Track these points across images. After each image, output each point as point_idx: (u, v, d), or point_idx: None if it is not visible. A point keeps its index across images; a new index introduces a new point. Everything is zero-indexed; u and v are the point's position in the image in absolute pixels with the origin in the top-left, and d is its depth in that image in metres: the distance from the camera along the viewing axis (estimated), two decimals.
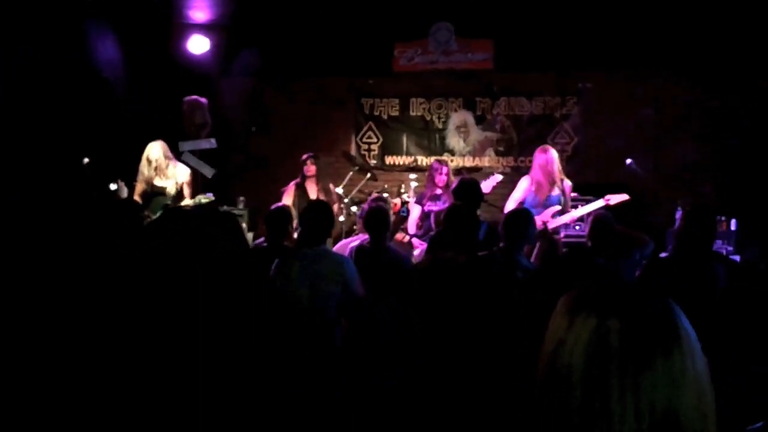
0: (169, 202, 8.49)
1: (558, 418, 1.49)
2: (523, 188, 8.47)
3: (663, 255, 8.21)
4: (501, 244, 5.77)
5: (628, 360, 1.42)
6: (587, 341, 1.46)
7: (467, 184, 6.84)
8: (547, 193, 8.35)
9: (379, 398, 3.68)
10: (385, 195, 9.33)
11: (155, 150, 8.63)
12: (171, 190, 8.57)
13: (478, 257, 5.33)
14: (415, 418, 3.00)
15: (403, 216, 8.54)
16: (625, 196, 8.23)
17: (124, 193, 8.50)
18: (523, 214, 5.89)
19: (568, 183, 8.41)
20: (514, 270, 5.40)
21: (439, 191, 8.92)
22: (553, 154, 8.34)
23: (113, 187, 8.49)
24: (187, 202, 8.51)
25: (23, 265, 2.82)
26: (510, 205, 8.37)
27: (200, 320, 2.45)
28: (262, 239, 6.56)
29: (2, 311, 2.64)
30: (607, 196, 8.24)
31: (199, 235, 2.49)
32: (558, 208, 8.15)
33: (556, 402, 1.50)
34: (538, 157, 8.34)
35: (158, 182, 8.57)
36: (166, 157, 8.65)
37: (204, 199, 8.55)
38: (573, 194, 8.51)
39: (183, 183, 8.67)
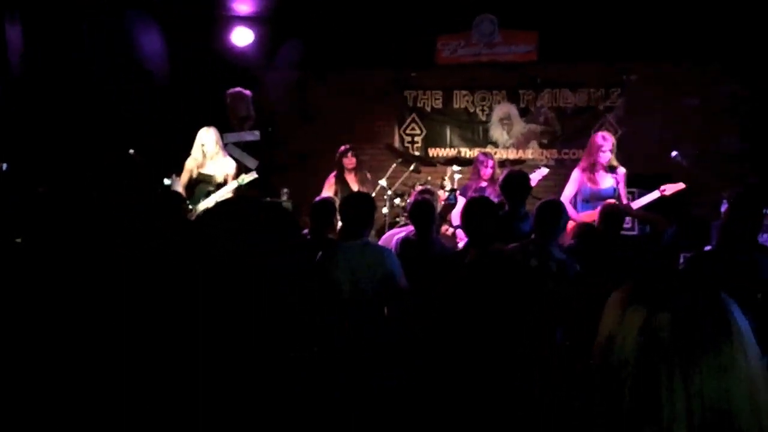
0: (212, 189, 8.54)
1: (610, 412, 1.49)
2: (574, 181, 8.40)
3: (708, 248, 8.15)
4: (533, 236, 5.75)
5: (678, 353, 1.43)
6: (637, 335, 1.47)
7: (515, 177, 6.82)
8: (598, 186, 8.27)
9: (379, 398, 3.67)
10: (429, 187, 9.34)
11: (210, 135, 8.73)
12: (218, 178, 8.63)
13: (514, 250, 5.31)
14: (420, 418, 3.00)
15: (451, 203, 8.51)
16: (681, 185, 8.17)
17: (179, 187, 8.56)
18: (554, 204, 5.86)
19: (621, 171, 8.31)
20: (548, 261, 5.37)
21: (484, 184, 8.91)
22: (608, 141, 8.26)
23: (167, 181, 8.56)
24: (229, 185, 8.55)
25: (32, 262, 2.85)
26: (564, 198, 8.26)
27: (247, 314, 2.46)
28: (306, 231, 6.58)
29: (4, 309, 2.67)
30: (663, 187, 8.19)
31: (252, 230, 2.51)
32: (612, 201, 8.01)
33: (607, 395, 1.50)
34: (591, 145, 8.30)
35: (206, 169, 8.64)
36: (218, 145, 8.71)
37: (247, 178, 8.60)
38: None
39: (228, 174, 8.72)
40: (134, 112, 9.91)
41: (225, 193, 8.48)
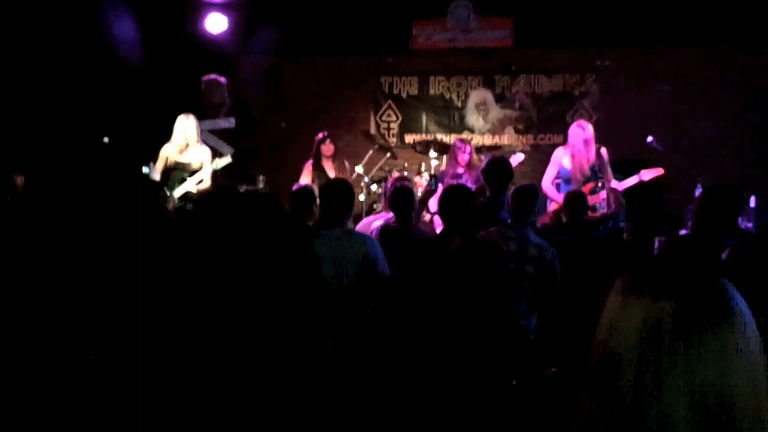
0: (186, 175, 8.49)
1: (611, 398, 1.50)
2: (556, 161, 8.47)
3: (683, 232, 8.23)
4: (509, 221, 5.79)
5: (680, 340, 1.43)
6: (640, 322, 1.48)
7: (498, 163, 6.82)
8: (587, 172, 8.33)
9: (365, 388, 3.67)
10: (405, 173, 9.35)
11: (191, 123, 8.65)
12: (194, 165, 8.58)
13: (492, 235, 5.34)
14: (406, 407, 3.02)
15: (432, 190, 8.53)
16: (659, 171, 8.25)
17: (157, 175, 8.51)
18: (528, 189, 5.90)
19: (603, 151, 8.35)
20: (527, 246, 5.41)
21: (461, 170, 8.92)
22: (588, 129, 8.33)
23: (145, 170, 8.50)
24: (204, 170, 8.51)
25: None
26: (546, 180, 8.40)
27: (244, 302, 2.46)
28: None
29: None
30: (641, 172, 8.26)
31: (248, 217, 2.50)
32: (592, 184, 8.13)
33: (609, 382, 1.51)
34: (579, 133, 8.31)
35: (183, 157, 8.58)
36: (197, 132, 8.68)
37: (221, 162, 8.57)
38: None
39: (204, 162, 8.68)
40: (108, 99, 9.83)
41: (201, 179, 8.45)
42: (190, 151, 8.63)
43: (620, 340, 1.50)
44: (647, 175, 8.24)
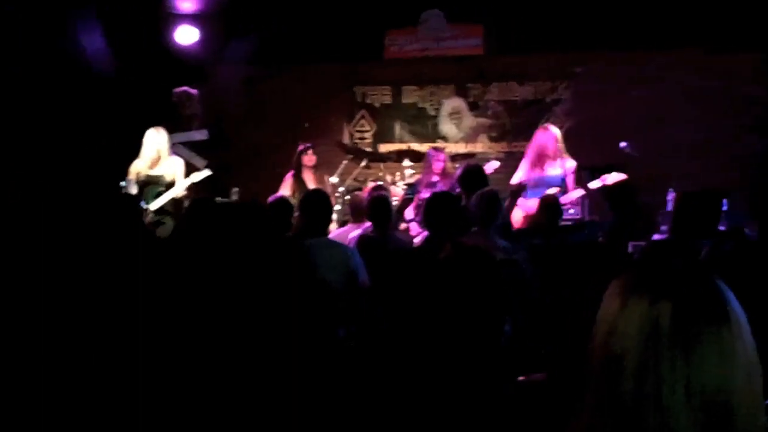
0: (162, 189, 8.46)
1: (611, 402, 1.51)
2: (524, 168, 8.65)
3: (656, 237, 8.29)
4: (474, 228, 5.82)
5: (679, 341, 1.44)
6: (639, 325, 1.48)
7: (472, 171, 6.85)
8: (543, 173, 8.49)
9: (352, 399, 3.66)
10: (380, 182, 9.36)
11: (162, 137, 8.63)
12: (167, 178, 8.54)
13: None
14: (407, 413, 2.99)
15: (410, 198, 8.54)
16: (621, 176, 8.31)
17: (134, 189, 8.45)
18: (492, 194, 5.93)
19: (571, 164, 8.51)
20: (494, 250, 5.44)
21: (436, 178, 8.94)
22: (551, 133, 8.47)
23: (122, 184, 8.44)
24: (182, 182, 8.49)
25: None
26: (513, 180, 8.58)
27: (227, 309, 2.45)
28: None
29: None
30: (603, 176, 8.33)
31: (231, 227, 2.49)
32: (556, 189, 8.27)
33: (608, 386, 1.51)
34: (535, 137, 8.52)
35: (154, 171, 8.54)
36: (168, 145, 8.64)
37: (200, 175, 8.54)
38: None
39: (177, 173, 8.65)
40: (79, 111, 9.75)
41: (178, 192, 8.41)
42: (162, 164, 8.59)
43: (620, 343, 1.51)
44: (611, 179, 8.33)
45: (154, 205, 8.28)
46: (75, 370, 2.38)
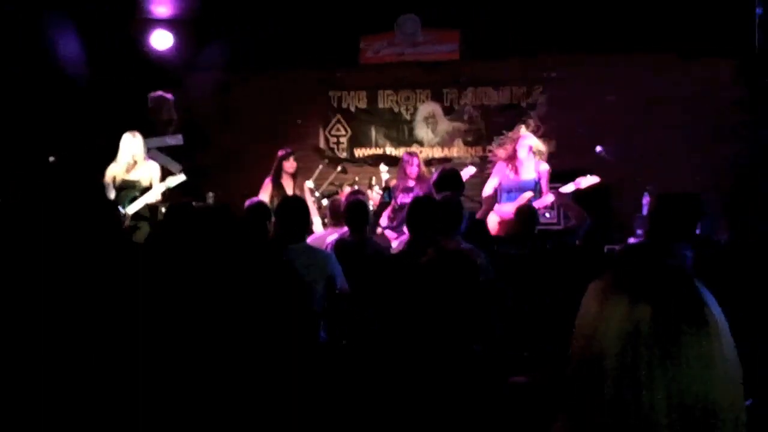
0: (137, 194, 8.42)
1: (591, 405, 1.50)
2: (498, 172, 8.71)
3: (631, 240, 8.34)
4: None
5: (659, 345, 1.44)
6: (619, 328, 1.48)
7: (448, 175, 6.86)
8: (517, 178, 8.56)
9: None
10: (356, 187, 9.36)
11: (138, 141, 8.60)
12: (144, 182, 8.52)
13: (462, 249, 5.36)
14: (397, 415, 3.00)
15: (386, 202, 8.54)
16: (595, 179, 8.36)
17: (111, 194, 8.42)
18: (455, 200, 5.95)
19: (544, 168, 8.58)
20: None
21: (411, 183, 8.95)
22: (526, 137, 8.54)
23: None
24: (157, 187, 8.46)
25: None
26: (488, 188, 8.63)
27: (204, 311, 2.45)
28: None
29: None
30: (577, 179, 8.38)
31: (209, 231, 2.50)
32: (530, 193, 8.35)
33: (588, 389, 1.51)
34: (516, 140, 8.62)
35: (131, 176, 8.51)
36: (144, 150, 8.62)
37: (175, 180, 8.50)
38: None
39: (153, 178, 8.62)
40: (54, 117, 9.71)
41: (153, 197, 8.39)
42: (138, 168, 8.57)
43: (600, 346, 1.50)
44: (584, 182, 8.38)
45: (131, 209, 8.25)
46: (47, 371, 2.37)
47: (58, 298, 2.31)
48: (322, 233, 7.51)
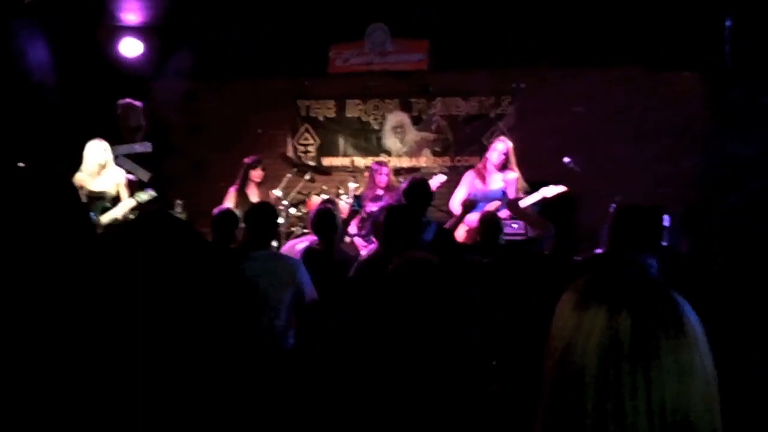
0: (108, 205, 8.36)
1: (569, 419, 1.50)
2: (467, 181, 8.74)
3: (598, 251, 8.39)
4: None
5: (639, 355, 1.44)
6: (599, 339, 1.48)
7: (418, 184, 6.86)
8: (485, 187, 8.60)
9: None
10: (326, 196, 9.37)
11: (101, 149, 8.50)
12: (111, 192, 8.45)
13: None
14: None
15: (355, 210, 8.54)
16: (562, 188, 8.42)
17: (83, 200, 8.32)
18: (407, 210, 5.96)
19: (512, 176, 8.62)
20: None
21: (380, 192, 8.97)
22: (495, 147, 8.61)
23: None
24: (127, 201, 8.39)
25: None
26: (455, 200, 8.67)
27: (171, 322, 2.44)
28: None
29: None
30: (543, 189, 8.44)
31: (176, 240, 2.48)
32: (497, 203, 8.39)
33: (567, 402, 1.51)
34: (493, 145, 8.69)
35: (97, 185, 8.41)
36: (109, 156, 8.54)
37: (144, 195, 8.44)
38: None
39: (120, 184, 8.55)
40: (21, 124, 9.63)
41: (122, 210, 8.29)
42: (103, 176, 8.48)
43: (579, 358, 1.49)
44: (550, 192, 8.43)
45: (104, 218, 8.18)
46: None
47: (32, 305, 2.29)
48: (294, 241, 7.51)
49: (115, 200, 8.43)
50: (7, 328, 2.24)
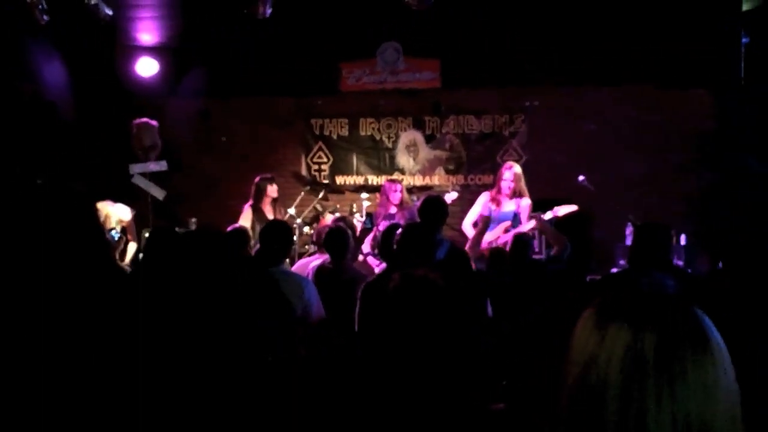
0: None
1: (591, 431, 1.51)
2: (481, 203, 8.72)
3: (614, 270, 8.37)
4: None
5: (664, 371, 1.45)
6: (623, 355, 1.49)
7: (433, 202, 6.83)
8: (499, 209, 8.59)
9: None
10: (338, 214, 9.38)
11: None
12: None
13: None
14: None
15: (368, 228, 8.54)
16: (573, 207, 8.39)
17: None
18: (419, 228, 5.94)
19: (526, 203, 8.63)
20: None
21: (393, 210, 8.95)
22: (513, 172, 8.59)
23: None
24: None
25: None
26: (468, 219, 8.65)
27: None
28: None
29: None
30: (555, 208, 8.41)
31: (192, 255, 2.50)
32: (508, 223, 8.39)
33: (588, 417, 1.51)
34: (499, 173, 8.65)
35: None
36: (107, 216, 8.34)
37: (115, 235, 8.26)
38: None
39: (125, 222, 8.47)
40: (37, 142, 9.69)
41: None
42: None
43: (601, 374, 1.50)
44: (562, 211, 8.41)
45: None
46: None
47: (46, 318, 2.30)
48: (308, 259, 7.51)
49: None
50: (20, 331, 2.26)
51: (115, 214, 8.43)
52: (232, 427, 2.38)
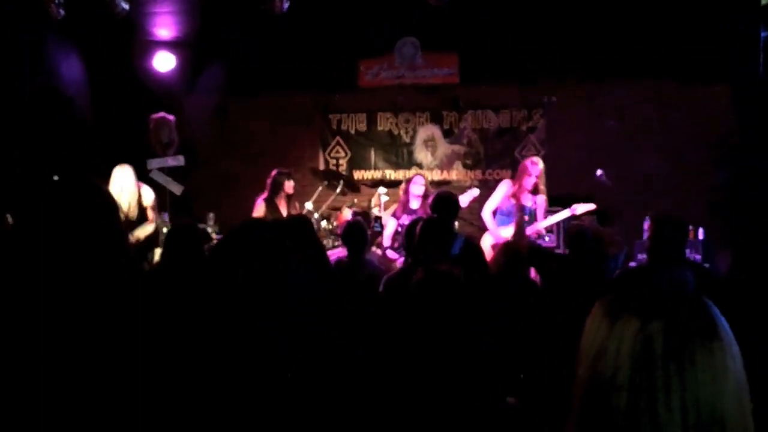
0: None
1: (603, 421, 1.52)
2: (501, 194, 8.66)
3: (632, 264, 8.32)
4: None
5: (673, 360, 1.46)
6: (632, 345, 1.50)
7: (444, 198, 6.83)
8: (517, 203, 8.55)
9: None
10: (356, 208, 9.39)
11: (124, 174, 7.98)
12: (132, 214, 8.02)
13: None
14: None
15: (376, 231, 8.54)
16: (591, 206, 8.37)
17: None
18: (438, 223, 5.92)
19: (542, 198, 8.58)
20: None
21: (416, 205, 8.92)
22: (536, 167, 8.54)
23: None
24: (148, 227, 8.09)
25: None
26: (487, 209, 8.59)
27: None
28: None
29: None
30: (573, 206, 8.38)
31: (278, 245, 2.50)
32: (525, 218, 8.36)
33: (600, 405, 1.53)
34: (521, 168, 8.59)
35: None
36: (131, 181, 8.01)
37: (144, 231, 8.06)
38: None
39: (147, 206, 8.22)
40: (55, 138, 9.71)
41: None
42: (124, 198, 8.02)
43: (611, 364, 1.52)
44: (580, 209, 8.38)
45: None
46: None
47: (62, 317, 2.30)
48: (330, 252, 7.51)
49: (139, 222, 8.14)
50: (31, 327, 2.25)
51: (145, 195, 8.20)
52: (232, 427, 2.37)
